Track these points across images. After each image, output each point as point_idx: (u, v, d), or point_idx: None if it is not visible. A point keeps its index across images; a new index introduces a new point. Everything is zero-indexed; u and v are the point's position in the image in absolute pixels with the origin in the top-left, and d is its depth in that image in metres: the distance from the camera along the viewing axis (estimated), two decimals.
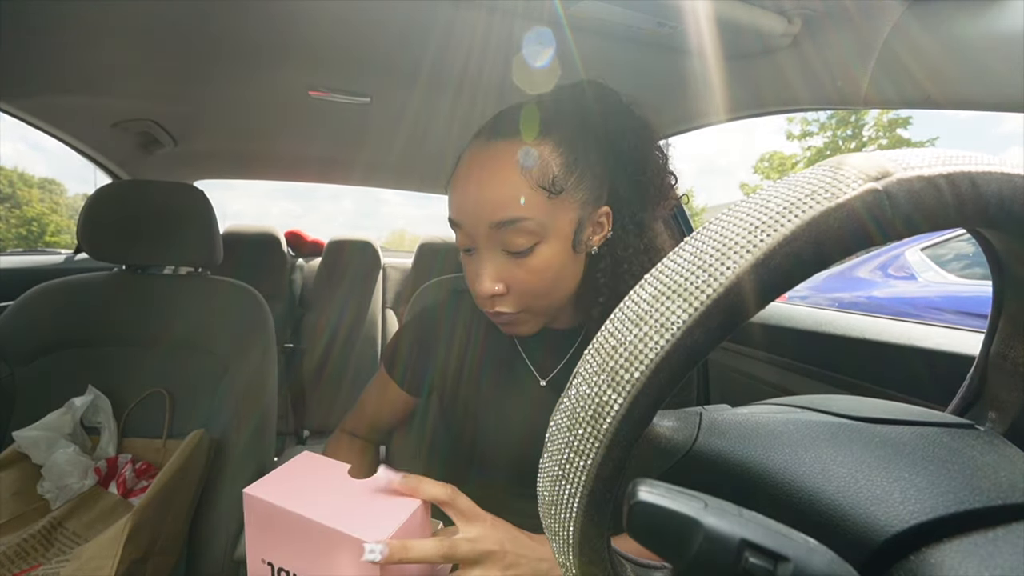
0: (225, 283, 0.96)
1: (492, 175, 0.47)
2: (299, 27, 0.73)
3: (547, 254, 0.48)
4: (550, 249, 0.48)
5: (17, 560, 0.62)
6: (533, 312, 0.52)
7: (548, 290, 0.51)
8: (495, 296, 0.50)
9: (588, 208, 0.50)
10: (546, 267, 0.49)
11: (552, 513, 0.22)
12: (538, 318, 0.53)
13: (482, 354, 0.63)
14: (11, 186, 13.43)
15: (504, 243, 0.48)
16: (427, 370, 0.64)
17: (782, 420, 0.26)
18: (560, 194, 0.47)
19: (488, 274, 0.49)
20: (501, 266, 0.49)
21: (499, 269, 0.49)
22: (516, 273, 0.49)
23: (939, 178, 0.18)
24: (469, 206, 0.49)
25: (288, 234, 2.12)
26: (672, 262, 0.20)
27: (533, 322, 0.53)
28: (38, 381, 0.84)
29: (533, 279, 0.49)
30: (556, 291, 0.52)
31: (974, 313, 1.63)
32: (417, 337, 0.66)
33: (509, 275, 0.49)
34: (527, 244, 0.47)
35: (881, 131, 8.86)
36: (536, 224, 0.47)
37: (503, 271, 0.49)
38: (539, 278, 0.49)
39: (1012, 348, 0.25)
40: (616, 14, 0.62)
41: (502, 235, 0.47)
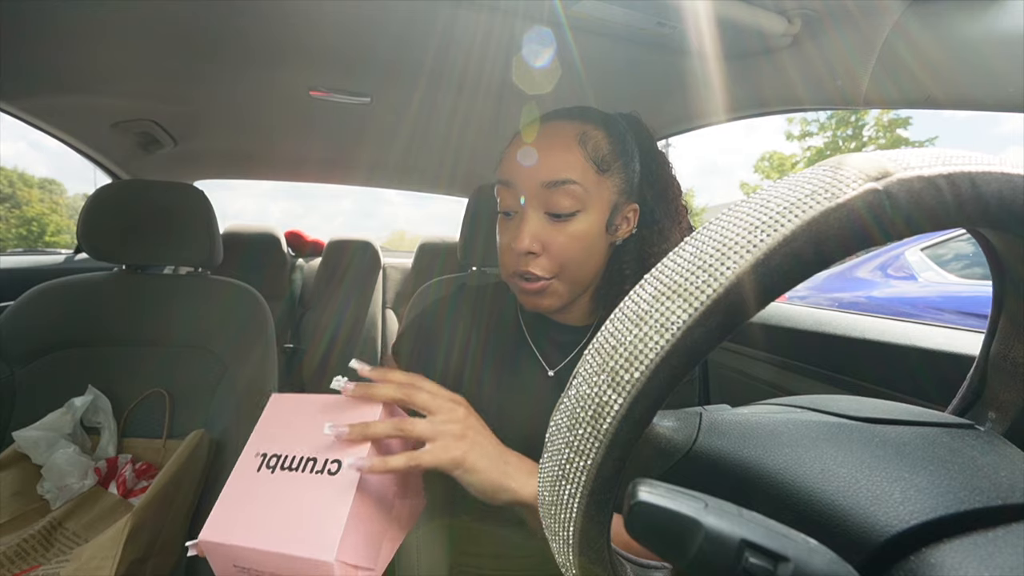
0: (225, 283, 0.96)
1: (552, 141, 0.53)
2: (300, 27, 0.73)
3: (585, 224, 0.53)
4: (588, 220, 0.53)
5: (17, 560, 0.62)
6: (561, 281, 0.55)
7: (579, 260, 0.54)
8: (530, 255, 0.54)
9: (622, 198, 0.56)
10: (583, 235, 0.53)
11: (552, 513, 0.22)
12: (562, 291, 0.56)
13: (487, 348, 0.64)
14: (11, 186, 13.43)
15: (550, 204, 0.53)
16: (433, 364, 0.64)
17: (782, 420, 0.26)
18: (605, 173, 0.53)
19: (528, 231, 0.53)
20: (541, 227, 0.53)
21: (539, 229, 0.53)
22: (555, 236, 0.53)
23: (939, 178, 0.18)
24: (527, 164, 0.53)
25: (288, 234, 2.12)
26: (672, 262, 0.20)
27: (557, 296, 0.56)
28: (38, 381, 0.84)
29: (569, 244, 0.53)
30: (584, 266, 0.55)
31: (974, 313, 1.63)
32: (423, 330, 0.67)
33: (548, 237, 0.53)
34: (571, 208, 0.52)
35: (881, 131, 8.86)
36: (582, 191, 0.52)
37: (542, 232, 0.53)
38: (574, 245, 0.53)
39: (1012, 348, 0.25)
40: (616, 14, 0.62)
41: (550, 195, 0.52)
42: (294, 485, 0.39)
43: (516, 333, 0.65)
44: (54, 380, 0.84)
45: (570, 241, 0.53)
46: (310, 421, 0.43)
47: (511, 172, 0.55)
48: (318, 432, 0.41)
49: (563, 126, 0.54)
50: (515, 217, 0.55)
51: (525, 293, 0.57)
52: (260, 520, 0.38)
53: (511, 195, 0.55)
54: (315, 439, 0.41)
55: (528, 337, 0.64)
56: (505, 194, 0.56)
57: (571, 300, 0.58)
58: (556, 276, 0.55)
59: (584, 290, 0.59)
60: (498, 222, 0.59)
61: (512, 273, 0.57)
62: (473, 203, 0.93)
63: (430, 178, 1.71)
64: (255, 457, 0.41)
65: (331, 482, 0.38)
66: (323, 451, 0.40)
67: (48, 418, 0.77)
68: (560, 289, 0.56)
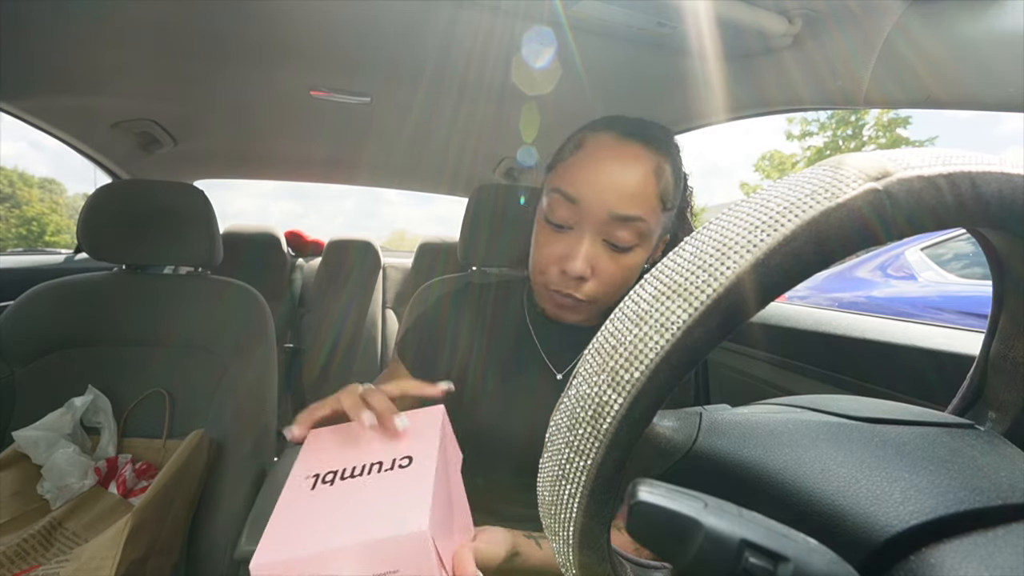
0: (225, 283, 0.96)
1: (632, 171, 0.50)
2: (300, 27, 0.73)
3: (639, 258, 0.52)
4: (642, 254, 0.53)
5: (17, 560, 0.62)
6: (596, 305, 0.55)
7: (620, 289, 0.54)
8: (580, 279, 0.52)
9: (664, 233, 0.56)
10: (633, 268, 0.53)
11: (552, 513, 0.22)
12: (592, 312, 0.56)
13: (491, 348, 0.64)
14: (11, 186, 13.43)
15: (611, 235, 0.51)
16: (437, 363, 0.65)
17: (782, 420, 0.26)
18: (667, 211, 0.53)
19: (585, 255, 0.51)
20: (597, 253, 0.52)
21: (595, 255, 0.52)
22: (607, 265, 0.52)
23: (939, 178, 0.18)
24: (598, 189, 0.50)
25: (288, 234, 2.12)
26: (672, 262, 0.20)
27: (586, 314, 0.56)
28: (38, 381, 0.84)
29: (618, 276, 0.52)
30: (621, 291, 0.54)
31: (974, 313, 1.63)
32: (428, 329, 0.67)
33: (601, 264, 0.52)
34: (631, 243, 0.51)
35: (881, 131, 8.85)
36: (646, 228, 0.51)
37: (597, 258, 0.52)
38: (623, 277, 0.52)
39: (1012, 348, 0.25)
40: (616, 14, 0.62)
41: (615, 227, 0.50)
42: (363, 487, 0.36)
43: (522, 334, 0.64)
44: (54, 380, 0.84)
45: (620, 272, 0.52)
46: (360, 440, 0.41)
47: (579, 188, 0.51)
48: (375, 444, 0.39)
49: (641, 153, 0.51)
50: (568, 234, 0.52)
51: (555, 305, 0.55)
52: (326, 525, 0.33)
53: (572, 211, 0.51)
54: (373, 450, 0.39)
55: (535, 339, 0.63)
56: (563, 206, 0.52)
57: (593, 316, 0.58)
58: (594, 301, 0.54)
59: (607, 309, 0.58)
60: (540, 229, 0.55)
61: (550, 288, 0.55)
62: (473, 203, 0.93)
63: (430, 178, 1.71)
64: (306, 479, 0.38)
65: (405, 473, 0.36)
66: (388, 454, 0.38)
67: (48, 418, 0.77)
68: (590, 310, 0.55)
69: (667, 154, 0.53)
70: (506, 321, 0.65)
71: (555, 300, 0.55)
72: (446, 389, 0.43)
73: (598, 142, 0.53)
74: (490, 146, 1.34)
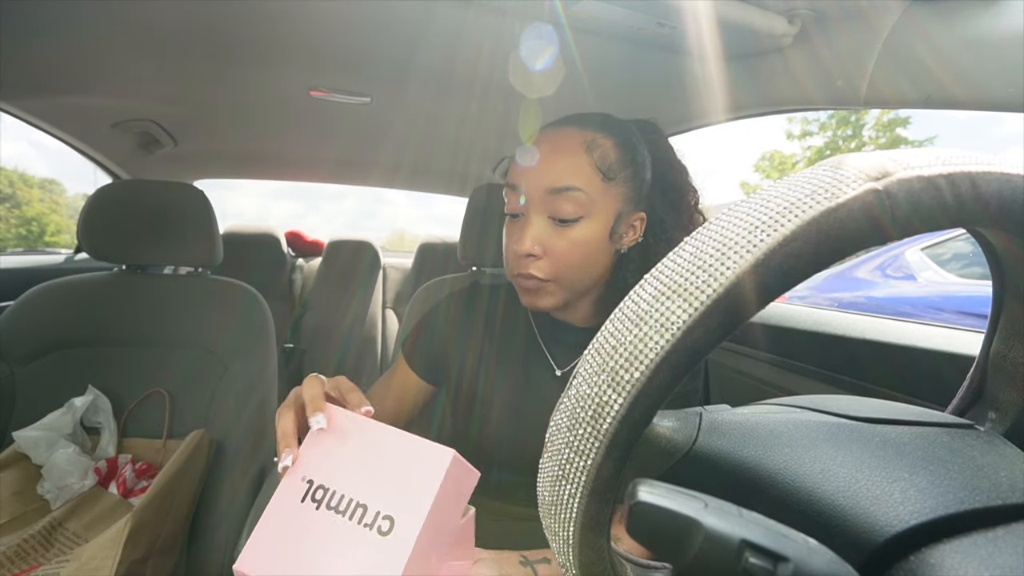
0: (225, 283, 0.96)
1: (560, 148, 0.54)
2: (300, 27, 0.73)
3: (587, 231, 0.54)
4: (591, 227, 0.54)
5: (17, 560, 0.62)
6: (559, 284, 0.56)
7: (579, 266, 0.55)
8: (530, 257, 0.54)
9: (628, 206, 0.56)
10: (584, 242, 0.54)
11: (552, 513, 0.22)
12: (560, 293, 0.57)
13: (499, 348, 0.64)
14: (11, 186, 13.42)
15: (554, 209, 0.53)
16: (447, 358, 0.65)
17: (782, 420, 0.26)
18: (611, 181, 0.54)
19: (531, 235, 0.54)
20: (544, 231, 0.54)
21: (542, 233, 0.54)
22: (556, 241, 0.54)
23: (939, 178, 0.18)
24: (533, 170, 0.54)
25: (288, 234, 2.12)
26: (672, 262, 0.20)
27: (554, 297, 0.57)
28: (38, 381, 0.84)
29: (570, 250, 0.54)
30: (584, 272, 0.56)
31: (973, 313, 1.62)
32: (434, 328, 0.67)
33: (549, 241, 0.54)
34: (573, 214, 0.53)
35: (881, 131, 8.85)
36: (586, 198, 0.52)
37: (545, 236, 0.54)
38: (575, 251, 0.54)
39: (1012, 348, 0.25)
40: (616, 14, 0.62)
41: (554, 201, 0.53)
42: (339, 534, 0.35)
43: (527, 333, 0.65)
44: (54, 380, 0.84)
45: (571, 247, 0.54)
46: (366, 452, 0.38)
47: (517, 176, 0.56)
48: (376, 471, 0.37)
49: (571, 132, 0.55)
50: (520, 220, 0.56)
51: (523, 291, 0.58)
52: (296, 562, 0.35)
53: (516, 198, 0.56)
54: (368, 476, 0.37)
55: (539, 337, 0.64)
56: (511, 197, 0.57)
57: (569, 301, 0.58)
58: (555, 280, 0.55)
59: (585, 293, 0.59)
60: (505, 224, 0.59)
61: (514, 274, 0.57)
62: (473, 203, 0.93)
63: (430, 178, 1.71)
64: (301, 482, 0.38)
65: (381, 544, 0.34)
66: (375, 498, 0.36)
67: (48, 418, 0.77)
68: (555, 290, 0.56)
69: (605, 130, 0.55)
70: (513, 322, 0.66)
71: (519, 285, 0.57)
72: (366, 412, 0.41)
73: (533, 135, 0.57)
74: (490, 146, 1.34)
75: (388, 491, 0.36)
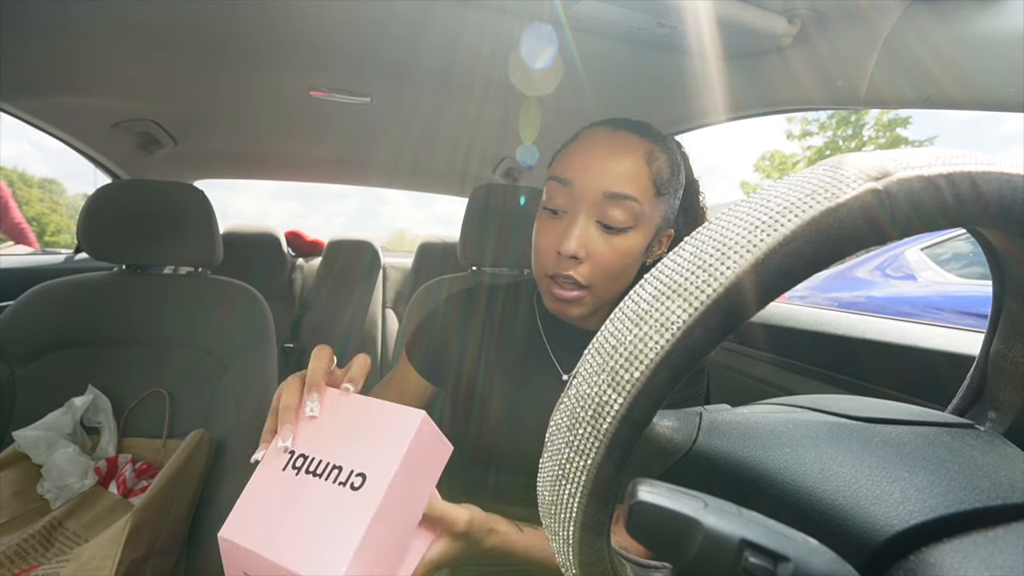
0: (225, 283, 0.96)
1: (623, 153, 0.52)
2: (300, 27, 0.73)
3: (632, 241, 0.53)
4: (636, 238, 0.53)
5: (17, 560, 0.62)
6: (593, 293, 0.55)
7: (616, 275, 0.54)
8: (573, 259, 0.53)
9: (665, 224, 0.56)
10: (627, 252, 0.53)
11: (552, 513, 0.22)
12: (591, 302, 0.56)
13: (501, 350, 0.64)
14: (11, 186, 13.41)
15: (604, 215, 0.52)
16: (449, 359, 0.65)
17: (782, 420, 0.26)
18: (661, 197, 0.54)
19: (577, 236, 0.52)
20: (590, 235, 0.53)
21: (588, 236, 0.53)
22: (600, 247, 0.53)
23: (939, 178, 0.18)
24: (591, 169, 0.52)
25: (288, 234, 2.12)
26: (672, 262, 0.20)
27: (585, 308, 0.56)
28: (38, 381, 0.84)
29: (612, 258, 0.53)
30: (618, 281, 0.55)
31: (973, 313, 1.62)
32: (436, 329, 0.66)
33: (594, 246, 0.53)
34: (624, 223, 0.52)
35: (881, 131, 8.85)
36: (639, 209, 0.52)
37: (590, 240, 0.53)
38: (617, 259, 0.53)
39: (1012, 348, 0.25)
40: (616, 14, 0.62)
41: (607, 207, 0.52)
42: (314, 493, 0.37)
43: (532, 335, 0.64)
44: (54, 380, 0.84)
45: (615, 255, 0.53)
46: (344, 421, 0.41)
47: (572, 171, 0.53)
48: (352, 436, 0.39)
49: (634, 140, 0.53)
50: (563, 218, 0.54)
51: (555, 299, 0.56)
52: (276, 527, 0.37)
53: (567, 195, 0.54)
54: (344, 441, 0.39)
55: (545, 340, 0.64)
56: (559, 192, 0.54)
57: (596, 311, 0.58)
58: (591, 287, 0.54)
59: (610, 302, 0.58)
60: (540, 219, 0.57)
61: (548, 274, 0.55)
62: (473, 203, 0.93)
63: (430, 178, 1.71)
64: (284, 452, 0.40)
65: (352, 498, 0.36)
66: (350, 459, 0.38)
67: (48, 418, 0.77)
68: (588, 301, 0.55)
69: (661, 144, 0.55)
70: (516, 323, 0.65)
71: (553, 290, 0.56)
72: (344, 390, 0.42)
73: (593, 132, 0.56)
74: (490, 146, 1.34)
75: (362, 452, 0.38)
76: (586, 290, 0.54)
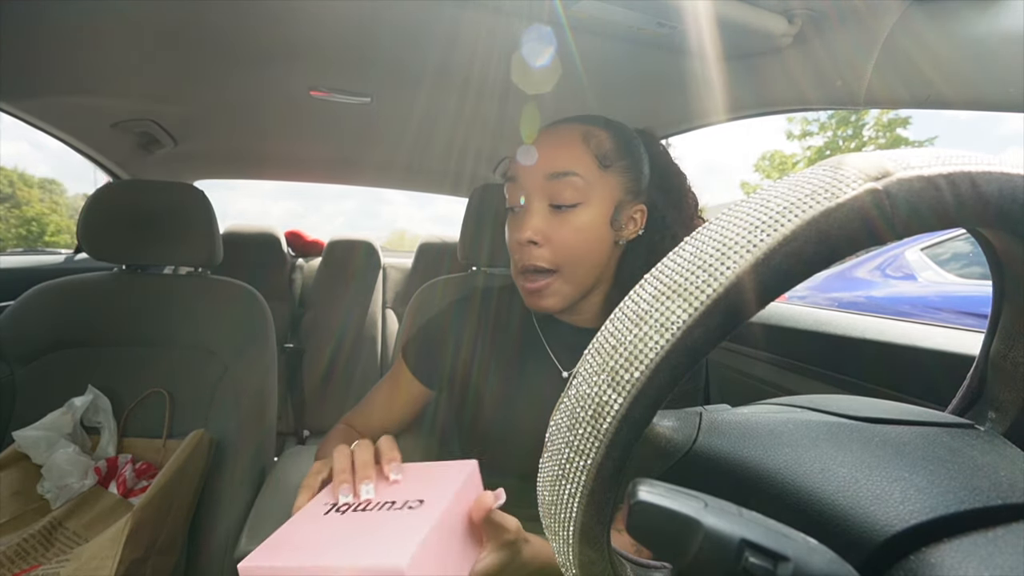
0: (225, 283, 0.96)
1: (558, 139, 0.56)
2: (300, 27, 0.73)
3: (587, 216, 0.54)
4: (590, 213, 0.55)
5: (17, 560, 0.62)
6: (563, 279, 0.56)
7: (581, 255, 0.55)
8: (532, 245, 0.55)
9: (628, 196, 0.57)
10: (585, 228, 0.54)
11: (552, 513, 0.22)
12: (564, 290, 0.57)
13: (496, 350, 0.64)
14: (11, 186, 13.41)
15: (552, 196, 0.54)
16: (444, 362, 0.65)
17: (782, 420, 0.26)
18: (608, 169, 0.55)
19: (531, 223, 0.55)
20: (544, 219, 0.55)
21: (542, 221, 0.55)
22: (557, 228, 0.55)
23: (939, 178, 0.18)
24: (530, 159, 0.56)
25: (288, 234, 2.12)
26: (672, 262, 0.20)
27: (559, 296, 0.57)
28: (38, 381, 0.84)
29: (571, 237, 0.54)
30: (587, 260, 0.56)
31: (973, 313, 1.63)
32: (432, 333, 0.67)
33: (550, 228, 0.55)
34: (572, 199, 0.54)
35: (881, 131, 8.85)
36: (584, 183, 0.54)
37: (545, 223, 0.55)
38: (577, 237, 0.54)
39: (1012, 348, 0.25)
40: (616, 14, 0.62)
41: (553, 187, 0.54)
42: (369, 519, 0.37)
43: (529, 334, 0.65)
44: (54, 380, 0.84)
45: (572, 233, 0.54)
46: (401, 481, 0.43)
47: (516, 167, 0.57)
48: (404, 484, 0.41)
49: (567, 126, 0.57)
50: (521, 212, 0.57)
51: (529, 293, 0.58)
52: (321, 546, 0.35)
53: (516, 190, 0.57)
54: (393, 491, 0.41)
55: (543, 338, 0.64)
56: (511, 190, 0.58)
57: (574, 301, 0.58)
58: (558, 270, 0.55)
59: (589, 290, 0.59)
60: (507, 221, 0.60)
61: (518, 269, 0.58)
62: (473, 203, 0.93)
63: (430, 178, 1.71)
64: (323, 505, 0.40)
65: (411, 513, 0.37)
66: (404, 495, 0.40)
67: (48, 418, 0.77)
68: (562, 288, 0.56)
69: (601, 125, 0.57)
70: (512, 323, 0.66)
71: (524, 286, 0.58)
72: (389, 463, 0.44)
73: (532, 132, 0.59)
74: (490, 146, 1.34)
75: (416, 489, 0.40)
76: (553, 274, 0.55)
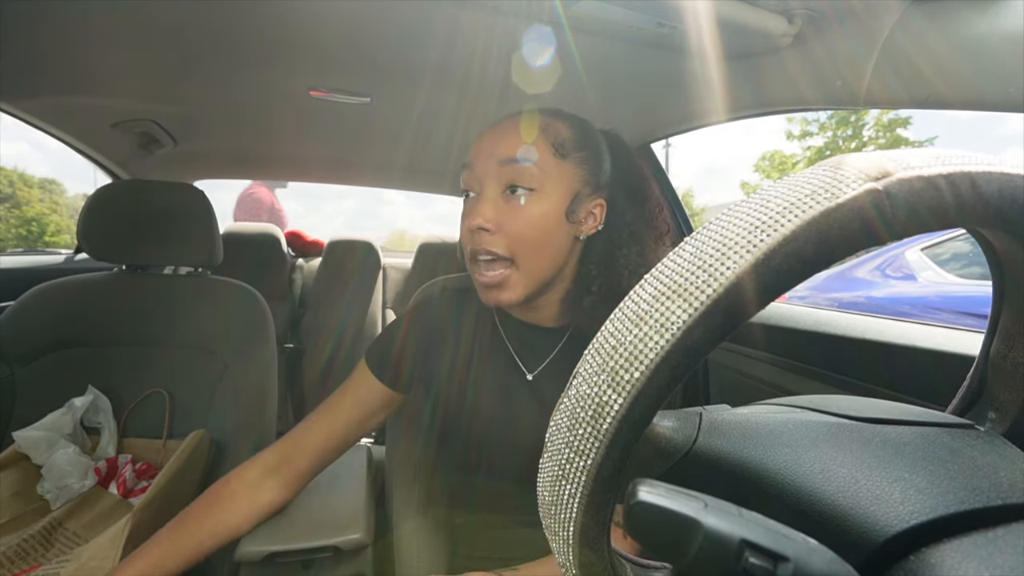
0: (225, 283, 0.96)
1: (514, 126, 0.55)
2: (300, 27, 0.73)
3: (541, 206, 0.53)
4: (545, 202, 0.53)
5: (17, 560, 0.62)
6: (519, 269, 0.54)
7: (536, 246, 0.54)
8: (483, 231, 0.53)
9: (586, 189, 0.55)
10: (539, 216, 0.53)
11: (552, 513, 0.22)
12: (520, 282, 0.55)
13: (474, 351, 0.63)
14: (11, 186, 13.41)
15: (506, 180, 0.53)
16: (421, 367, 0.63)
17: (782, 420, 0.26)
18: (564, 159, 0.54)
19: (481, 210, 0.53)
20: (497, 205, 0.54)
21: (495, 207, 0.54)
22: (510, 216, 0.53)
23: (939, 178, 0.18)
24: (485, 146, 0.55)
25: (288, 234, 2.12)
26: (672, 262, 0.20)
27: (514, 289, 0.55)
28: (38, 381, 0.84)
29: (524, 225, 0.53)
30: (541, 251, 0.54)
31: (973, 313, 1.63)
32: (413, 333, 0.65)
33: (503, 216, 0.53)
34: (525, 184, 0.53)
35: (881, 131, 8.86)
36: (538, 170, 0.53)
37: (498, 210, 0.54)
38: (529, 226, 0.53)
39: (1012, 348, 0.25)
40: (616, 14, 0.62)
41: (506, 172, 0.53)
42: None
43: (494, 337, 0.63)
44: (54, 380, 0.84)
45: (526, 221, 0.53)
46: None
47: (473, 153, 0.57)
48: None
49: (524, 116, 0.57)
50: (474, 198, 0.56)
51: (484, 287, 0.56)
52: None
53: (471, 175, 0.56)
54: None
55: (507, 341, 0.63)
56: (466, 176, 0.57)
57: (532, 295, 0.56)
58: (512, 259, 0.53)
59: (547, 285, 0.57)
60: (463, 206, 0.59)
61: (470, 257, 0.56)
62: None
63: (431, 178, 1.71)
64: None
65: None
66: None
67: (48, 418, 0.77)
68: (517, 280, 0.54)
69: (560, 118, 0.57)
70: (477, 326, 0.64)
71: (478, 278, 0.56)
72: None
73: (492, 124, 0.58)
74: None
75: None
76: (508, 263, 0.54)
